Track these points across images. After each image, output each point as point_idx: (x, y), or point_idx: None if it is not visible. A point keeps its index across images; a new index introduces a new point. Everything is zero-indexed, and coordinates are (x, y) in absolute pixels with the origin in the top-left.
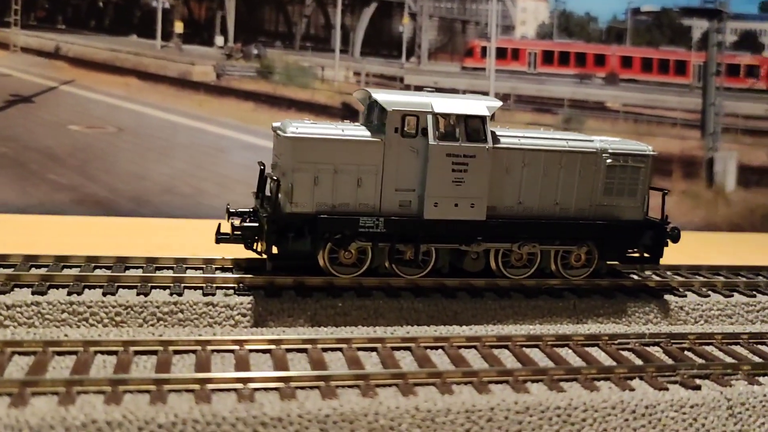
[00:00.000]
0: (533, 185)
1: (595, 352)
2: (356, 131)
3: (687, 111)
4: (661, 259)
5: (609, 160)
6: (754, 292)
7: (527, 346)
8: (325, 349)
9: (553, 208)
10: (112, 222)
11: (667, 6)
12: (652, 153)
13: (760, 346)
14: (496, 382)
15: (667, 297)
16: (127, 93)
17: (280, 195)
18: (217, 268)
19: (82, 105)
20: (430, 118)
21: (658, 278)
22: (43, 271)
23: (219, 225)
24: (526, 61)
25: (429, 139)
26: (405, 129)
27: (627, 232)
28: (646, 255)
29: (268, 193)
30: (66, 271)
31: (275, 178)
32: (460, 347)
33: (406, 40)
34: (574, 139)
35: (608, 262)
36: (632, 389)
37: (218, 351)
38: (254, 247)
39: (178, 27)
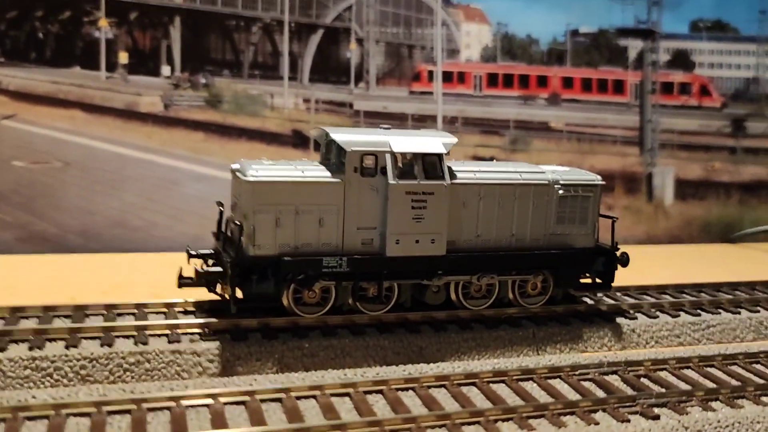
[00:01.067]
0: (490, 218)
1: (558, 385)
2: (316, 172)
3: (626, 128)
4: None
5: (561, 191)
6: (699, 311)
7: (494, 382)
8: (298, 397)
9: (510, 239)
10: (62, 260)
11: (603, 27)
12: (600, 183)
13: (709, 369)
14: (469, 424)
15: (619, 320)
16: (72, 126)
17: (242, 238)
18: (179, 312)
19: (25, 140)
20: (388, 157)
21: (609, 301)
22: None
23: (180, 269)
24: (472, 84)
25: (388, 178)
26: (364, 168)
27: (580, 259)
28: (598, 281)
29: (227, 232)
30: (24, 324)
31: (237, 222)
32: (430, 387)
33: (354, 66)
34: (527, 171)
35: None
36: (597, 423)
37: (192, 406)
38: (217, 291)
39: (123, 57)
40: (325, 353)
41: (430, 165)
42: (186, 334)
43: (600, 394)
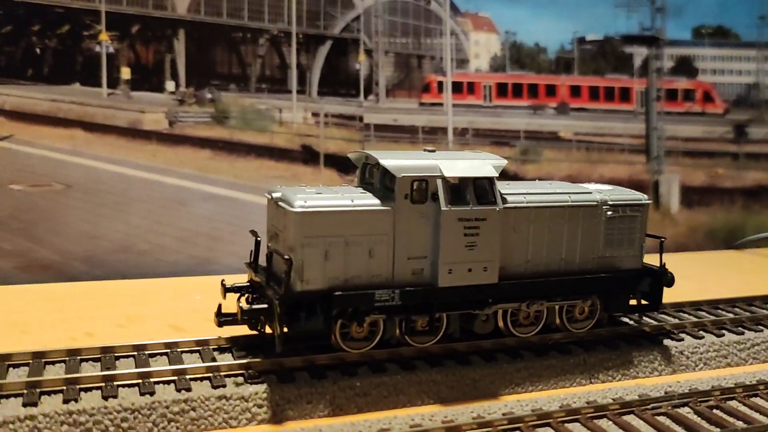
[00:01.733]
0: (540, 242)
1: (633, 421)
2: (365, 200)
3: (632, 136)
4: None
5: (609, 212)
6: (741, 328)
7: (567, 421)
8: None
9: (559, 264)
10: (68, 289)
11: (609, 35)
12: (647, 202)
13: None
14: None
15: (666, 342)
16: (73, 146)
17: (291, 272)
18: (214, 349)
19: (23, 162)
20: (440, 182)
21: (652, 321)
22: (23, 373)
23: (219, 306)
24: (482, 94)
25: (440, 204)
26: (414, 195)
27: (628, 281)
28: (644, 302)
29: (262, 262)
30: (50, 371)
31: (286, 257)
32: (504, 431)
33: (363, 78)
34: (575, 192)
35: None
36: None
37: None
38: (259, 328)
39: (125, 73)
40: (377, 391)
41: (482, 189)
42: (228, 376)
43: (676, 429)
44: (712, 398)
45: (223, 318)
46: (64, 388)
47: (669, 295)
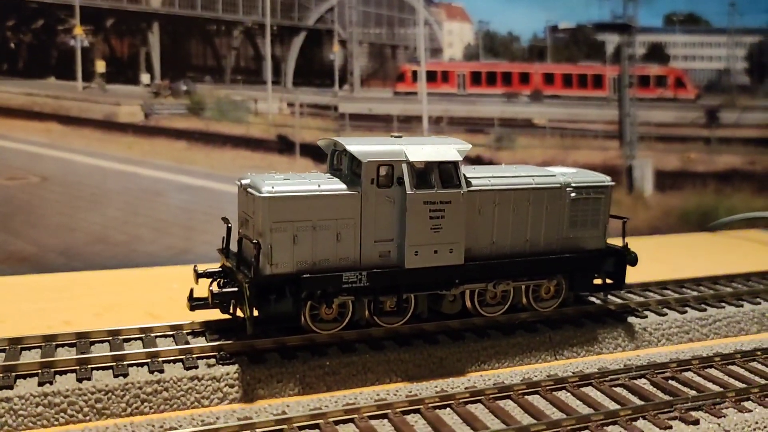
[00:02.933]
0: (504, 224)
1: (592, 392)
2: (332, 185)
3: (606, 122)
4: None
5: (573, 194)
6: (704, 306)
7: (528, 394)
8: (336, 422)
9: (524, 245)
10: (45, 281)
11: (582, 23)
12: (610, 183)
13: (731, 367)
14: None
15: (630, 319)
16: (49, 139)
17: (259, 256)
18: (188, 334)
19: None
20: (405, 167)
21: (618, 300)
22: None
23: (191, 290)
24: (456, 83)
25: (406, 188)
26: (380, 179)
27: (593, 261)
28: (609, 281)
29: (239, 250)
30: (26, 356)
31: (255, 241)
32: (466, 403)
33: (338, 68)
34: (539, 175)
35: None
36: None
37: None
38: (231, 312)
39: (100, 66)
40: (346, 370)
41: (447, 173)
42: (201, 358)
43: (633, 399)
44: (669, 370)
45: (195, 302)
46: (40, 371)
47: (637, 276)
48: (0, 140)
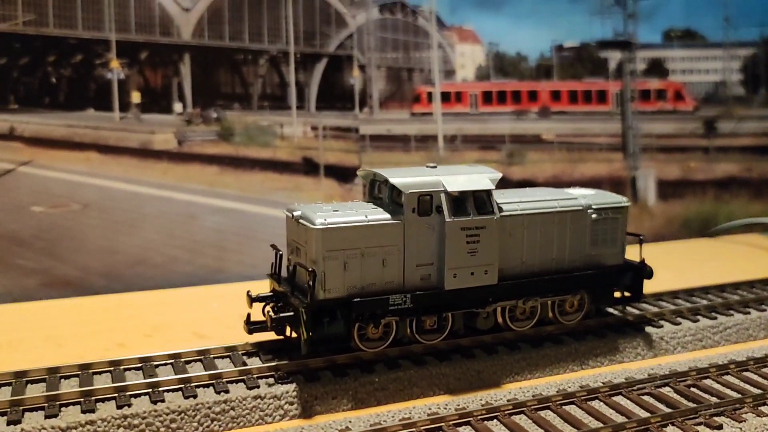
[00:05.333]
0: (533, 245)
1: (622, 401)
2: (377, 215)
3: (610, 135)
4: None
5: (594, 215)
6: (714, 314)
7: (565, 404)
8: None
9: (551, 263)
10: (90, 303)
11: (585, 41)
12: (627, 204)
13: (745, 374)
14: None
15: (648, 329)
16: (89, 168)
17: (314, 283)
18: (242, 354)
19: (42, 185)
20: (443, 196)
21: (635, 311)
22: (74, 383)
23: (248, 315)
24: (469, 102)
25: (445, 216)
26: (421, 208)
27: (613, 276)
28: (627, 294)
29: (292, 276)
30: (100, 380)
31: (310, 269)
32: (510, 414)
33: (357, 92)
34: (562, 199)
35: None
36: None
37: None
38: (287, 334)
39: (135, 97)
40: (393, 386)
41: (480, 201)
42: (261, 377)
43: (660, 407)
44: (689, 378)
45: (252, 326)
46: (116, 395)
47: (650, 285)
48: (44, 170)
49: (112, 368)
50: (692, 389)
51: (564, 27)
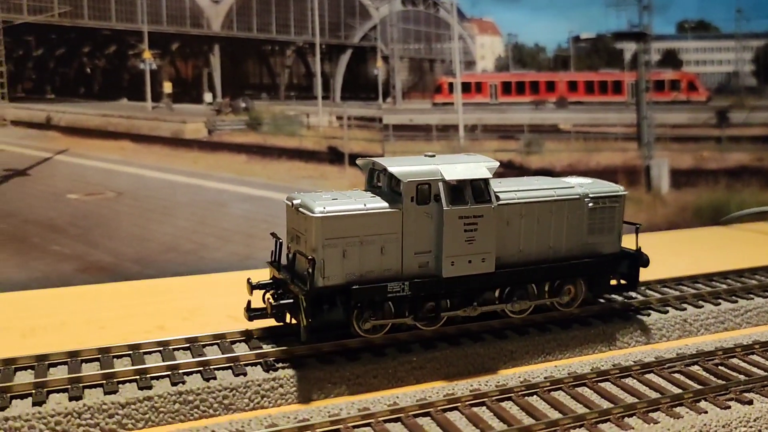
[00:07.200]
0: (530, 233)
1: (655, 379)
2: (376, 203)
3: (625, 125)
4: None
5: (590, 204)
6: (735, 297)
7: (600, 381)
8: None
9: (548, 251)
10: (125, 288)
11: (601, 32)
12: (624, 193)
13: None
14: (602, 421)
15: (671, 312)
16: (123, 156)
17: (313, 270)
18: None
19: (78, 173)
20: (441, 185)
21: (656, 295)
22: (127, 362)
23: (248, 302)
24: (488, 93)
25: (442, 204)
26: (419, 197)
27: (610, 264)
28: (623, 282)
29: (292, 264)
30: (152, 359)
31: (309, 257)
32: (549, 391)
33: (381, 82)
34: (559, 187)
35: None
36: (706, 412)
37: None
38: (287, 321)
39: (167, 87)
40: (431, 365)
41: (478, 189)
42: (303, 357)
43: (691, 384)
44: (717, 357)
45: (253, 313)
46: (170, 372)
47: (668, 271)
48: (79, 159)
49: (161, 348)
50: (720, 367)
51: (581, 19)
